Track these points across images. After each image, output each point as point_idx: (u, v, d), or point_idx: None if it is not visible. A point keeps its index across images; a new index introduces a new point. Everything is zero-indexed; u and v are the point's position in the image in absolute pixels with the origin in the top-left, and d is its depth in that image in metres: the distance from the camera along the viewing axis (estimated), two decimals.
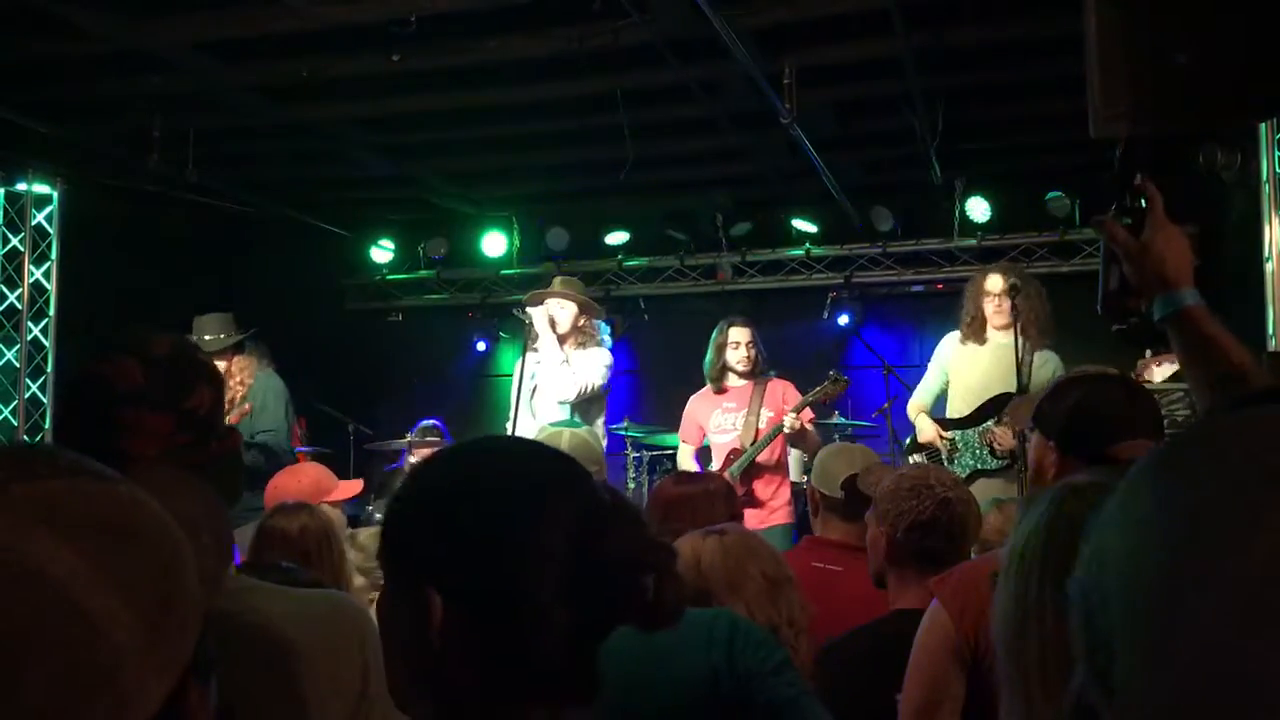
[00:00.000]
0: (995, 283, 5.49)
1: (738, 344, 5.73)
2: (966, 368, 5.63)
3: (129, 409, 1.39)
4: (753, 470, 5.51)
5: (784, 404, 5.66)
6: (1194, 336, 1.62)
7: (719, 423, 5.75)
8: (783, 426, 5.45)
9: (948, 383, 5.76)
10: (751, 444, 5.53)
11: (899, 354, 8.15)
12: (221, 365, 5.32)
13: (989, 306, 5.48)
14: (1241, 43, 2.77)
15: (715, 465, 5.64)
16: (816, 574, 2.91)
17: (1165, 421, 7.04)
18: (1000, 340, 5.44)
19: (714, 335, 5.85)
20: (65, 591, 0.64)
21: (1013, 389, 5.17)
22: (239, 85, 6.30)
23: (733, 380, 5.79)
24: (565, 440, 3.01)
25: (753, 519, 5.10)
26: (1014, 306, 5.30)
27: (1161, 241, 1.65)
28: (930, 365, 5.89)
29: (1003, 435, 5.28)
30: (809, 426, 5.60)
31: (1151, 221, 1.66)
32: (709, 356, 5.82)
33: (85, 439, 1.40)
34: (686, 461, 5.91)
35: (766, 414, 5.63)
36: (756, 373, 5.76)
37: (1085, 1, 2.86)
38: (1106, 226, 1.69)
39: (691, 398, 5.96)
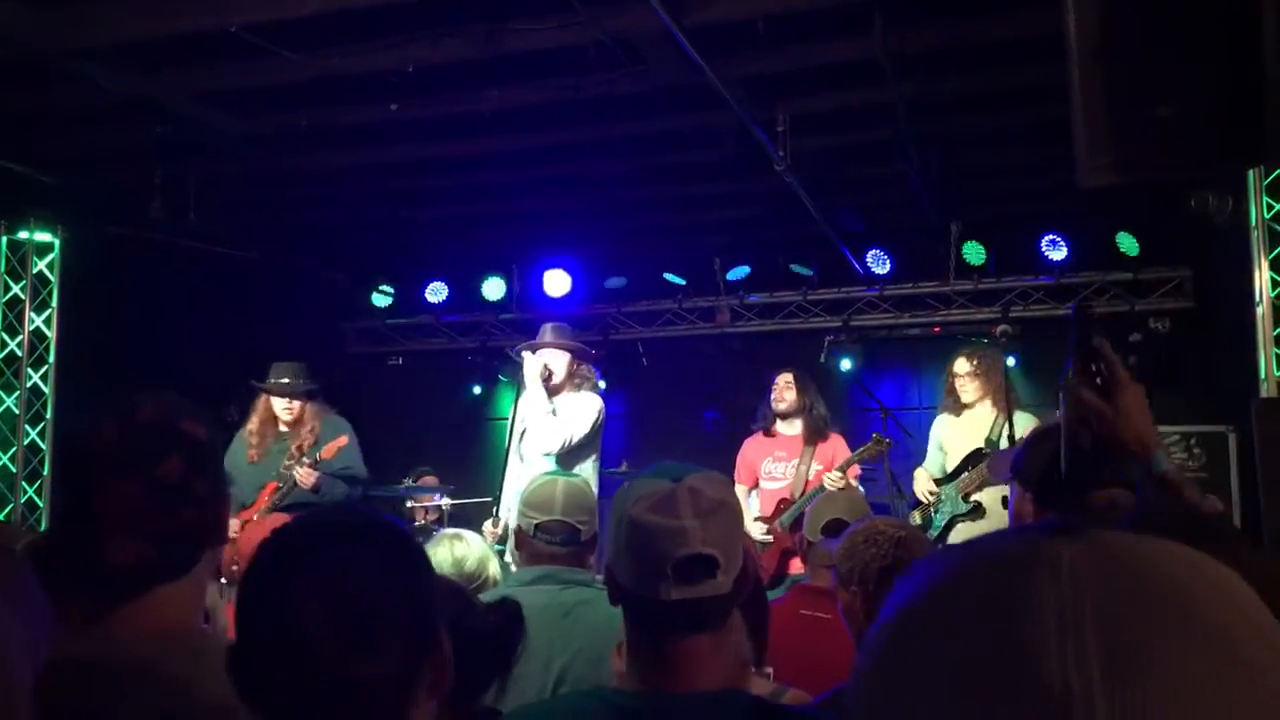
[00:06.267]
0: (960, 365, 6.03)
1: (777, 385, 6.16)
2: (950, 437, 6.08)
3: (101, 474, 1.42)
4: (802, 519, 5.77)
5: (834, 461, 6.01)
6: (1171, 500, 1.65)
7: (770, 470, 6.12)
8: (824, 485, 5.78)
9: (944, 459, 6.14)
10: (801, 495, 5.86)
11: (897, 397, 8.16)
12: (293, 410, 5.76)
13: (958, 385, 6.00)
14: (1220, 93, 2.81)
15: (763, 511, 6.01)
16: (804, 622, 2.90)
17: None
18: (976, 411, 5.95)
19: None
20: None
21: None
22: (239, 134, 6.36)
23: (783, 427, 6.16)
24: (560, 490, 3.00)
25: (799, 567, 5.40)
26: (971, 386, 5.88)
27: (1129, 402, 1.67)
28: (929, 446, 6.27)
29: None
30: (853, 483, 5.92)
31: (1117, 384, 1.68)
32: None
33: (67, 501, 1.43)
34: (742, 499, 6.21)
35: (816, 467, 6.00)
36: (810, 415, 6.13)
37: (1069, 54, 2.92)
38: (1073, 391, 1.69)
39: (746, 441, 6.33)
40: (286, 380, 5.79)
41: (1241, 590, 0.51)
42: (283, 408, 5.77)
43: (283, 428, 5.79)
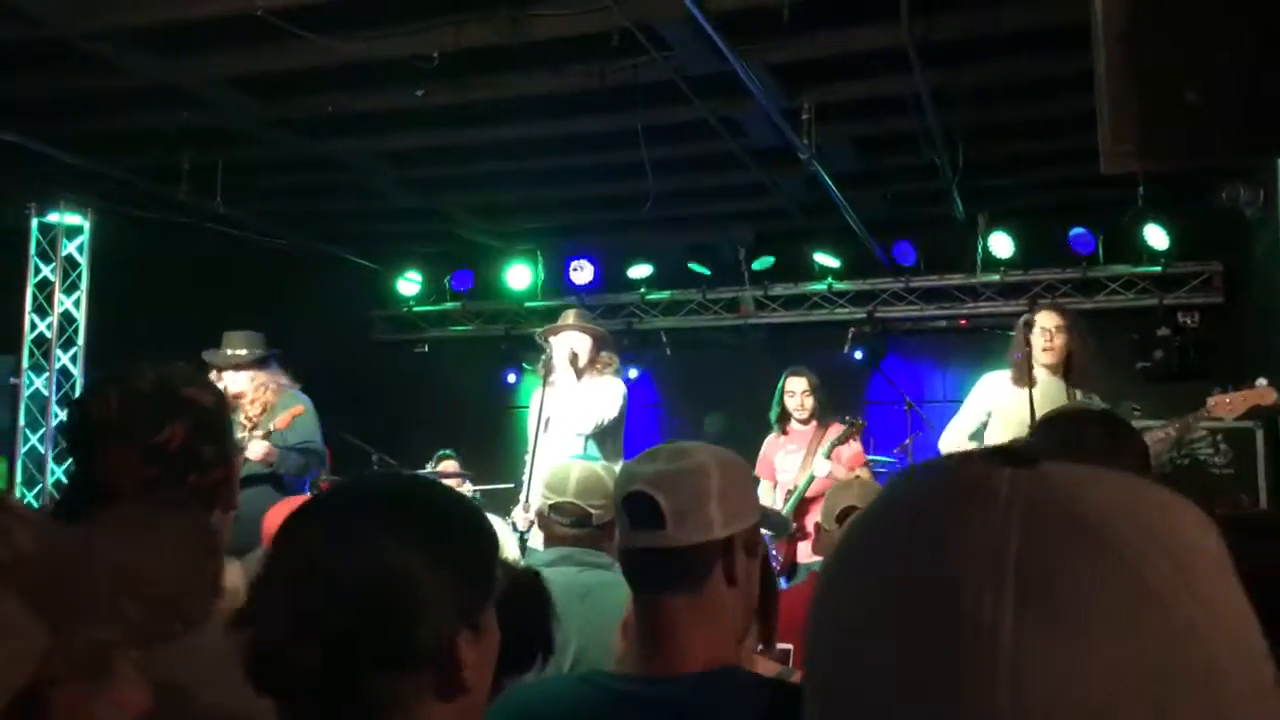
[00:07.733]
0: (1046, 318, 5.29)
1: (793, 393, 6.19)
2: (1014, 408, 5.22)
3: (100, 441, 1.43)
4: (804, 507, 5.86)
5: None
6: None
7: (783, 464, 6.20)
8: (813, 474, 5.89)
9: (986, 423, 5.53)
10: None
11: (921, 389, 8.11)
12: (242, 382, 5.43)
13: (1039, 342, 5.22)
14: (1248, 79, 2.77)
15: (778, 504, 6.08)
16: None
17: (1186, 460, 6.87)
18: (1047, 381, 5.18)
19: (778, 384, 6.30)
20: None
21: None
22: (266, 119, 6.40)
23: (795, 425, 6.24)
24: (575, 473, 3.00)
25: (806, 552, 5.55)
26: (1058, 343, 5.19)
27: None
28: (969, 403, 5.55)
29: None
30: (855, 469, 5.97)
31: None
32: (774, 404, 6.29)
33: (76, 469, 1.45)
34: (765, 495, 6.22)
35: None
36: (817, 417, 6.17)
37: (1095, 39, 2.89)
38: None
39: (766, 439, 6.37)
40: (229, 352, 5.56)
41: (1176, 523, 0.51)
42: (229, 379, 5.45)
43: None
